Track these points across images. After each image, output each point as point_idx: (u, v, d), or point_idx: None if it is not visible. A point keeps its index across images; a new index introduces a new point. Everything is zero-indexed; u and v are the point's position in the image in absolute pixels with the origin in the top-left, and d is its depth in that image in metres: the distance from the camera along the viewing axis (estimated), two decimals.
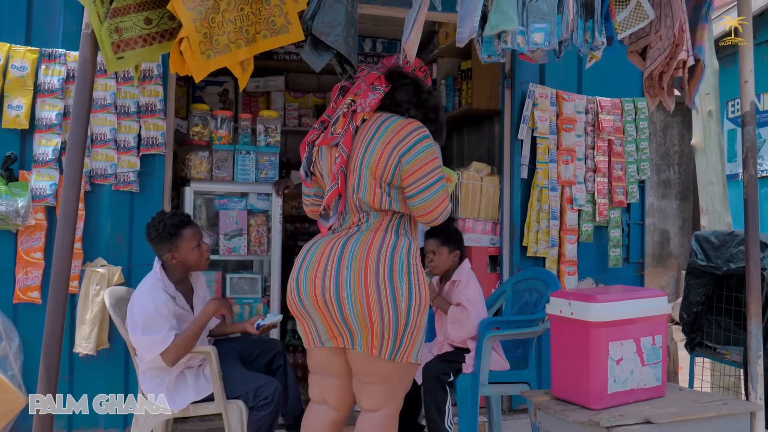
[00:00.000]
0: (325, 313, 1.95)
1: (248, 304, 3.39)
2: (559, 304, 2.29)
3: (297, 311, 2.04)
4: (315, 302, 1.95)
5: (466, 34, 1.96)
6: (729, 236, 3.04)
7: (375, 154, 1.93)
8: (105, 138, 2.98)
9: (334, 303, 1.91)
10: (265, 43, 2.05)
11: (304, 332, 2.07)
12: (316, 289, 1.93)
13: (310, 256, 2.00)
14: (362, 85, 2.01)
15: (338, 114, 2.01)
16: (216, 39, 1.90)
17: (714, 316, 3.20)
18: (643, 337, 2.28)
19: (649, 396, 2.29)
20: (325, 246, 1.98)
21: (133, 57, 1.94)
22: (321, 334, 2.01)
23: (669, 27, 2.17)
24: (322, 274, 1.93)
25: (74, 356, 2.94)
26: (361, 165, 1.95)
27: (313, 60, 2.06)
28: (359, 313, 1.89)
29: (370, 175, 1.95)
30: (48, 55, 2.93)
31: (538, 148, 3.54)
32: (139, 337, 2.39)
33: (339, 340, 1.99)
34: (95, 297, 2.92)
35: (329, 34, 2.01)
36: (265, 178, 3.37)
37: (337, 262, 1.91)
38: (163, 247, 2.50)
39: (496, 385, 2.75)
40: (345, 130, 1.95)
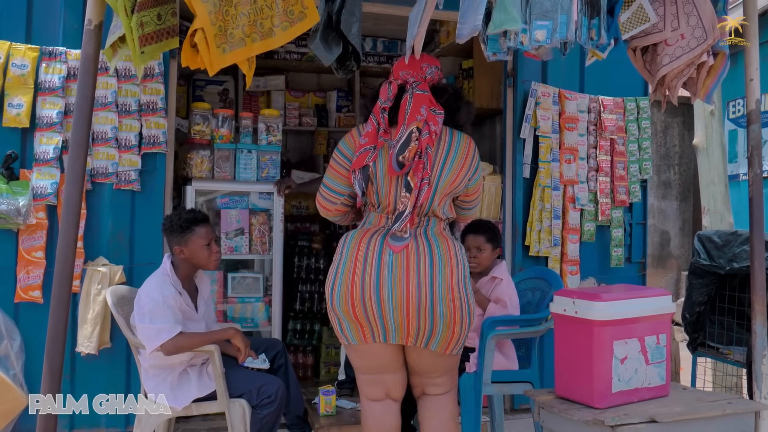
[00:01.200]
0: (412, 315, 2.01)
1: (250, 304, 3.37)
2: (563, 303, 2.28)
3: (365, 312, 2.04)
4: (405, 304, 2.00)
5: (466, 31, 1.95)
6: (732, 236, 3.03)
7: (451, 174, 2.11)
8: (106, 136, 2.97)
9: (427, 306, 2.01)
10: (285, 34, 2.03)
11: (359, 332, 2.07)
12: (410, 292, 2.00)
13: (386, 259, 2.02)
14: (422, 110, 2.04)
15: (408, 138, 2.01)
16: (231, 32, 1.88)
17: (716, 316, 3.19)
18: (647, 336, 2.27)
19: (653, 395, 2.28)
20: (406, 250, 2.03)
21: (150, 52, 1.93)
22: (389, 333, 2.06)
23: (695, 26, 2.15)
24: (416, 278, 2.01)
25: (76, 356, 2.93)
26: (438, 180, 2.09)
27: (324, 54, 2.05)
28: (448, 316, 2.03)
29: (443, 188, 2.11)
30: (48, 53, 2.92)
31: (541, 147, 3.53)
32: (147, 326, 2.40)
33: (411, 339, 2.06)
34: (97, 296, 2.91)
35: (350, 29, 2.00)
36: (267, 177, 3.36)
37: (430, 267, 2.03)
38: (174, 239, 2.54)
39: (499, 385, 2.73)
40: (425, 155, 2.03)
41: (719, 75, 2.32)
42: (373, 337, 2.08)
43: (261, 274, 3.45)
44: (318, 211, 2.25)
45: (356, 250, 2.07)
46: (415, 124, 2.03)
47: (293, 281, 4.24)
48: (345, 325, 2.09)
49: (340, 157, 2.14)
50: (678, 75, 2.28)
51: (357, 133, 2.14)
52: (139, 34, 1.85)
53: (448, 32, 4.06)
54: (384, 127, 2.07)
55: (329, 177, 2.16)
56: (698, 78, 2.32)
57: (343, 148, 2.15)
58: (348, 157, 2.11)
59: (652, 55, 2.36)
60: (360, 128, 2.15)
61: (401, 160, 2.02)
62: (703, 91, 2.36)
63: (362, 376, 2.19)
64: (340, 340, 2.16)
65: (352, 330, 2.09)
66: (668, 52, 2.24)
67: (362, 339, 2.08)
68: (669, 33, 2.20)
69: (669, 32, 2.20)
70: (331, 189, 2.16)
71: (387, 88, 2.11)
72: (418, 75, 2.13)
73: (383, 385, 2.16)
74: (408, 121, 2.03)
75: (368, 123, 2.09)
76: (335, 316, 2.10)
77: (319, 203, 2.21)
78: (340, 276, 2.06)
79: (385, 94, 2.10)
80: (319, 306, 4.20)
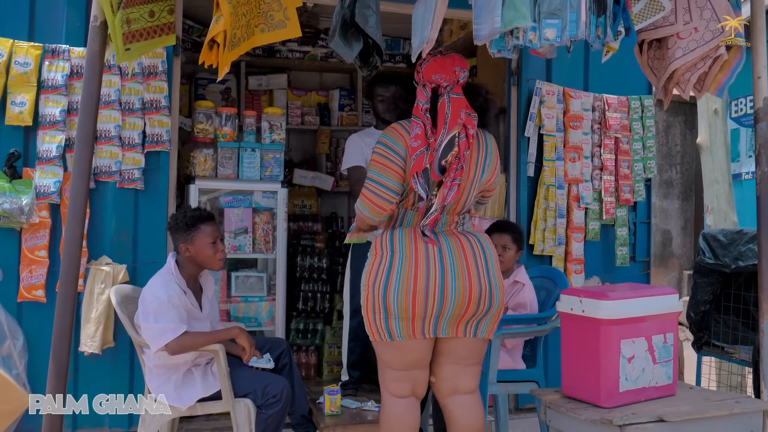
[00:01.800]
0: (472, 304, 2.10)
1: (253, 303, 3.36)
2: (570, 302, 2.27)
3: (425, 308, 2.07)
4: (468, 295, 2.09)
5: (484, 32, 1.93)
6: (737, 234, 3.03)
7: (487, 174, 2.20)
8: (109, 135, 2.96)
9: (486, 293, 2.12)
10: (262, 37, 2.06)
11: (408, 328, 2.09)
12: (472, 283, 2.09)
13: (446, 254, 2.08)
14: (461, 114, 2.08)
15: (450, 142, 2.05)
16: (234, 33, 1.90)
17: (722, 315, 3.18)
18: (654, 335, 2.26)
19: (661, 394, 2.27)
20: (455, 244, 2.12)
21: (138, 49, 1.93)
22: (440, 326, 2.11)
23: (709, 19, 2.14)
24: (476, 269, 2.11)
25: (79, 355, 2.91)
26: (474, 181, 2.17)
27: (344, 50, 2.03)
28: (501, 300, 2.18)
29: (479, 188, 2.21)
30: (52, 51, 2.90)
31: (545, 145, 3.52)
32: (151, 325, 2.39)
33: (461, 328, 2.14)
34: (100, 295, 2.90)
35: (367, 22, 1.98)
36: (270, 175, 3.34)
37: (483, 258, 2.14)
38: (180, 237, 2.53)
39: (504, 384, 2.73)
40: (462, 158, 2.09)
41: (732, 69, 2.30)
42: (423, 332, 2.10)
43: (264, 273, 3.44)
44: (364, 213, 2.13)
45: (414, 248, 2.09)
46: (456, 129, 2.05)
47: (296, 280, 4.22)
48: (395, 322, 2.09)
49: (391, 154, 2.10)
50: (691, 68, 2.27)
51: (404, 130, 2.11)
52: (124, 30, 1.85)
53: (451, 31, 4.05)
54: (429, 129, 2.08)
55: (383, 174, 2.09)
56: (710, 72, 2.30)
57: (392, 143, 2.11)
58: (400, 153, 2.09)
59: (656, 51, 2.35)
60: (404, 126, 2.13)
61: (443, 164, 2.06)
62: (713, 85, 2.34)
63: (392, 372, 2.18)
64: (379, 336, 2.13)
65: (402, 326, 2.09)
66: (681, 45, 2.22)
67: (410, 335, 2.09)
68: (681, 26, 2.19)
69: (681, 25, 2.19)
70: (386, 187, 2.09)
71: (423, 91, 2.11)
72: (451, 79, 2.13)
73: (411, 381, 2.19)
74: (449, 126, 2.05)
75: (414, 125, 2.08)
76: (384, 313, 2.08)
77: (371, 203, 2.10)
78: (397, 274, 2.06)
79: (424, 96, 2.11)
80: (322, 305, 4.18)
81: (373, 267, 2.13)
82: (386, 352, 2.17)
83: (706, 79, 2.33)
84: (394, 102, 2.24)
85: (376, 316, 2.11)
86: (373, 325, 2.13)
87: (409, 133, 2.09)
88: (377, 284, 2.09)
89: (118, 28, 1.84)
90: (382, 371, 2.22)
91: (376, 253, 2.14)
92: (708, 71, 2.29)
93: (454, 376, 2.20)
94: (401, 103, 2.21)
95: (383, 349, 2.17)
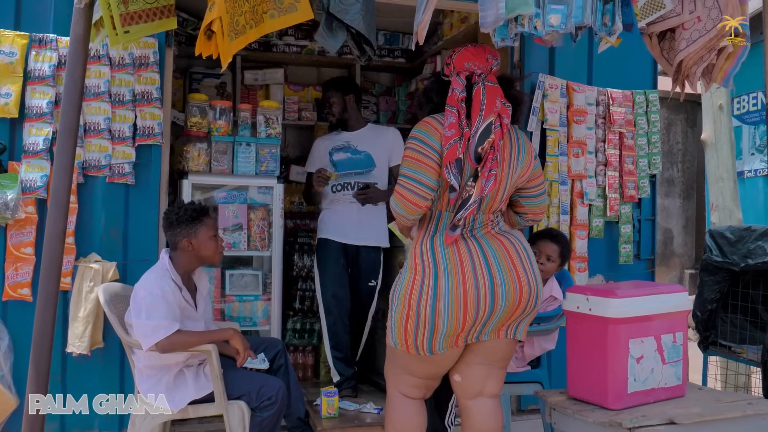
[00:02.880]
0: (521, 305, 2.04)
1: (248, 302, 3.27)
2: (577, 300, 2.20)
3: (475, 318, 1.99)
4: (518, 297, 2.03)
5: (490, 19, 1.86)
6: (746, 231, 2.95)
7: (522, 169, 2.11)
8: (99, 127, 2.87)
9: (532, 300, 2.07)
10: (273, 23, 1.97)
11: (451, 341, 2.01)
12: (522, 284, 2.04)
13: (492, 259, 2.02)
14: (497, 102, 2.01)
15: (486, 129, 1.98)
16: (236, 20, 1.81)
17: (729, 313, 3.11)
18: (663, 335, 2.20)
19: (670, 395, 2.21)
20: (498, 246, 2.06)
21: (138, 31, 1.84)
22: (485, 332, 2.05)
23: (711, 7, 2.07)
24: (523, 269, 2.05)
25: (67, 356, 2.82)
26: (509, 176, 2.08)
27: (328, 41, 1.96)
28: (540, 302, 2.13)
29: (512, 184, 2.12)
30: (38, 41, 2.81)
31: (548, 140, 3.44)
32: (143, 322, 2.31)
33: (503, 331, 2.09)
34: (89, 294, 2.80)
35: (347, 12, 1.91)
36: (266, 170, 3.25)
37: (529, 261, 2.09)
38: (182, 231, 2.44)
39: (508, 385, 2.64)
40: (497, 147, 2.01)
41: (738, 58, 2.23)
42: (466, 339, 2.05)
43: (260, 272, 3.36)
44: (398, 210, 2.03)
45: (459, 258, 2.01)
46: (492, 116, 1.99)
47: (292, 279, 4.14)
48: (440, 339, 2.00)
49: (425, 148, 2.01)
50: (698, 61, 2.19)
51: (438, 123, 2.03)
52: (121, 11, 1.75)
53: (451, 24, 3.97)
54: (464, 118, 2.00)
55: (417, 170, 1.99)
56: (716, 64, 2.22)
57: (426, 137, 2.02)
58: (435, 148, 2.00)
59: (669, 42, 2.27)
60: (437, 119, 2.05)
61: (480, 151, 1.97)
62: (720, 75, 2.27)
63: (412, 378, 2.13)
64: (417, 351, 2.03)
65: (446, 342, 2.01)
66: (685, 36, 2.15)
67: (452, 345, 2.03)
68: (687, 16, 2.12)
69: (687, 15, 2.12)
70: (422, 183, 1.98)
71: (457, 80, 2.04)
72: (485, 66, 2.07)
73: (427, 387, 2.17)
74: (486, 113, 1.99)
75: (448, 114, 2.00)
76: (430, 331, 1.98)
77: (407, 201, 1.99)
78: (446, 291, 1.97)
79: (459, 84, 2.03)
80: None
81: (415, 283, 2.01)
82: (415, 364, 2.10)
83: (713, 71, 2.26)
84: (426, 95, 2.17)
85: (419, 333, 2.00)
86: (411, 341, 2.02)
87: (442, 125, 2.01)
88: (423, 303, 1.98)
89: (114, 8, 1.73)
90: (399, 375, 2.15)
91: (416, 267, 2.03)
92: (714, 63, 2.22)
93: (484, 378, 2.15)
94: (434, 95, 2.12)
95: (413, 361, 2.09)
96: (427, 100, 2.16)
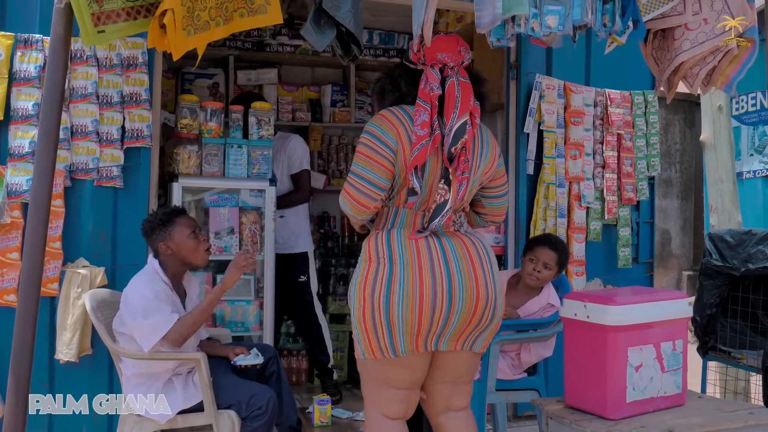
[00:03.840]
0: (478, 313, 1.92)
1: (240, 306, 3.22)
2: (574, 307, 2.15)
3: (431, 319, 1.86)
4: (475, 303, 1.90)
5: (486, 19, 1.80)
6: (746, 235, 2.90)
7: (485, 165, 2.00)
8: (86, 130, 2.80)
9: (490, 307, 1.94)
10: (241, 22, 1.90)
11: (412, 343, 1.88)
12: (479, 290, 1.91)
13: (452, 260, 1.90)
14: (471, 99, 1.92)
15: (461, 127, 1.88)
16: (197, 14, 1.74)
17: (729, 318, 3.06)
18: (663, 342, 2.15)
19: (669, 404, 2.16)
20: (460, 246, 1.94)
21: (115, 31, 1.76)
22: (443, 339, 1.91)
23: (720, 11, 2.00)
24: (483, 275, 1.93)
25: (55, 363, 2.76)
26: (476, 175, 1.98)
27: (316, 38, 1.89)
28: (502, 308, 2.00)
29: (478, 181, 2.00)
30: (24, 41, 2.74)
31: (545, 142, 3.39)
32: (140, 323, 2.28)
33: (461, 341, 1.95)
34: (77, 300, 2.74)
35: (339, 8, 1.83)
36: (258, 173, 3.19)
37: (488, 261, 1.97)
38: (157, 237, 2.43)
39: (504, 392, 2.61)
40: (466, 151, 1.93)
41: (743, 64, 2.16)
42: (425, 345, 1.89)
43: (252, 276, 3.30)
44: (346, 210, 1.92)
45: (416, 253, 1.88)
46: (466, 115, 1.88)
47: None
48: (399, 337, 1.86)
49: (379, 145, 1.87)
50: (700, 62, 2.13)
51: (396, 118, 1.89)
52: (92, 10, 1.68)
53: (447, 23, 3.92)
54: (437, 116, 1.88)
55: (367, 168, 1.86)
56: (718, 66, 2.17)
57: (381, 134, 1.88)
58: (390, 146, 1.86)
59: (660, 41, 2.21)
60: (395, 113, 1.91)
61: (453, 151, 1.87)
62: (721, 80, 2.21)
63: (389, 391, 1.95)
64: (381, 353, 1.89)
65: (406, 341, 1.87)
66: (689, 37, 2.09)
67: (413, 349, 1.88)
68: (690, 17, 2.05)
69: (690, 16, 2.05)
70: (371, 182, 1.85)
71: (432, 72, 1.90)
72: (457, 59, 1.94)
73: (406, 401, 1.98)
74: (460, 110, 1.87)
75: (420, 110, 1.87)
76: (387, 327, 1.86)
77: (354, 201, 1.88)
78: (400, 284, 1.84)
79: (435, 78, 1.89)
80: None
81: (369, 275, 1.89)
82: (388, 371, 1.94)
83: (714, 73, 2.20)
84: (393, 82, 1.98)
85: (378, 331, 1.87)
86: (374, 342, 1.88)
87: (401, 122, 1.89)
88: (377, 294, 1.86)
89: (84, 7, 1.67)
90: (377, 391, 1.98)
91: (370, 258, 1.91)
92: (717, 65, 2.16)
93: (449, 394, 2.03)
94: (404, 84, 1.95)
95: (384, 367, 1.94)
96: (393, 87, 1.98)
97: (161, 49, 1.77)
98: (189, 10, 1.71)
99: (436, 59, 1.91)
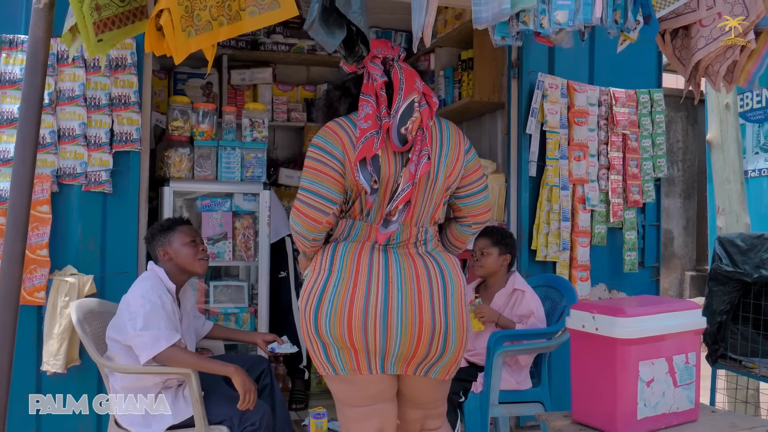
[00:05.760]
0: (423, 342, 1.78)
1: (233, 314, 3.13)
2: (582, 318, 2.05)
3: (365, 339, 1.74)
4: (417, 331, 1.77)
5: (486, 14, 1.70)
6: (758, 239, 2.80)
7: (450, 156, 1.87)
8: (73, 133, 2.71)
9: (441, 332, 1.80)
10: (252, 21, 1.81)
11: (351, 361, 1.78)
12: (424, 317, 1.77)
13: (394, 279, 1.77)
14: (417, 81, 1.83)
15: (409, 107, 1.78)
16: (197, 14, 1.64)
17: (740, 326, 2.97)
18: (675, 355, 2.05)
19: (681, 420, 2.07)
20: (408, 266, 1.81)
21: (111, 39, 1.69)
22: (387, 363, 1.79)
23: (734, 3, 1.91)
24: (430, 301, 1.79)
25: (42, 374, 2.68)
26: (437, 174, 1.84)
27: (326, 39, 1.78)
28: (459, 341, 1.84)
29: (443, 181, 1.86)
30: (9, 42, 2.65)
31: (548, 143, 3.28)
32: (140, 332, 2.21)
33: (412, 368, 1.83)
34: (64, 309, 2.65)
35: (350, 7, 1.73)
36: (252, 176, 3.10)
37: (443, 288, 1.82)
38: (157, 242, 2.42)
39: (507, 405, 2.52)
40: (425, 128, 1.79)
41: (763, 57, 2.07)
42: (369, 367, 1.78)
43: (246, 282, 3.22)
44: (296, 228, 1.82)
45: (356, 266, 1.78)
46: (414, 94, 1.79)
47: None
48: (334, 352, 1.78)
49: (326, 157, 1.79)
50: (719, 58, 2.03)
51: (341, 129, 1.82)
52: (94, 19, 1.60)
53: (445, 21, 3.81)
54: (384, 107, 1.78)
55: (317, 182, 1.78)
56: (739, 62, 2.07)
57: (327, 145, 1.80)
58: (337, 157, 1.79)
59: (682, 40, 2.12)
60: (340, 124, 1.83)
61: (404, 132, 1.76)
62: (743, 77, 2.11)
63: (352, 410, 1.84)
64: (323, 370, 1.82)
65: (343, 358, 1.78)
66: (704, 34, 1.99)
67: (355, 369, 1.78)
68: (704, 12, 1.96)
69: (704, 11, 1.96)
70: (321, 196, 1.77)
71: (373, 65, 1.84)
72: (393, 53, 1.90)
73: (378, 417, 1.84)
74: (406, 92, 1.78)
75: (363, 104, 1.79)
76: (320, 342, 1.78)
77: (304, 216, 1.79)
78: (331, 295, 1.76)
79: (377, 69, 1.83)
80: None
81: (308, 285, 1.82)
82: (337, 388, 1.85)
83: (735, 70, 2.11)
84: (341, 88, 1.91)
85: (313, 345, 1.80)
86: (313, 356, 1.83)
87: (345, 131, 1.80)
88: (309, 306, 1.79)
89: (88, 17, 1.58)
90: (341, 411, 1.89)
91: (314, 269, 1.84)
92: (738, 60, 2.06)
93: (421, 419, 1.96)
94: (353, 87, 1.88)
95: (333, 383, 1.86)
96: (343, 93, 1.90)
97: (160, 53, 1.68)
98: (187, 10, 1.61)
99: (375, 54, 1.88)
